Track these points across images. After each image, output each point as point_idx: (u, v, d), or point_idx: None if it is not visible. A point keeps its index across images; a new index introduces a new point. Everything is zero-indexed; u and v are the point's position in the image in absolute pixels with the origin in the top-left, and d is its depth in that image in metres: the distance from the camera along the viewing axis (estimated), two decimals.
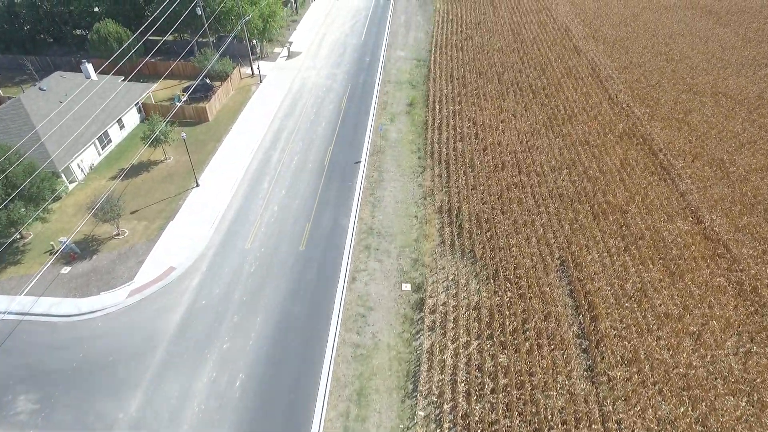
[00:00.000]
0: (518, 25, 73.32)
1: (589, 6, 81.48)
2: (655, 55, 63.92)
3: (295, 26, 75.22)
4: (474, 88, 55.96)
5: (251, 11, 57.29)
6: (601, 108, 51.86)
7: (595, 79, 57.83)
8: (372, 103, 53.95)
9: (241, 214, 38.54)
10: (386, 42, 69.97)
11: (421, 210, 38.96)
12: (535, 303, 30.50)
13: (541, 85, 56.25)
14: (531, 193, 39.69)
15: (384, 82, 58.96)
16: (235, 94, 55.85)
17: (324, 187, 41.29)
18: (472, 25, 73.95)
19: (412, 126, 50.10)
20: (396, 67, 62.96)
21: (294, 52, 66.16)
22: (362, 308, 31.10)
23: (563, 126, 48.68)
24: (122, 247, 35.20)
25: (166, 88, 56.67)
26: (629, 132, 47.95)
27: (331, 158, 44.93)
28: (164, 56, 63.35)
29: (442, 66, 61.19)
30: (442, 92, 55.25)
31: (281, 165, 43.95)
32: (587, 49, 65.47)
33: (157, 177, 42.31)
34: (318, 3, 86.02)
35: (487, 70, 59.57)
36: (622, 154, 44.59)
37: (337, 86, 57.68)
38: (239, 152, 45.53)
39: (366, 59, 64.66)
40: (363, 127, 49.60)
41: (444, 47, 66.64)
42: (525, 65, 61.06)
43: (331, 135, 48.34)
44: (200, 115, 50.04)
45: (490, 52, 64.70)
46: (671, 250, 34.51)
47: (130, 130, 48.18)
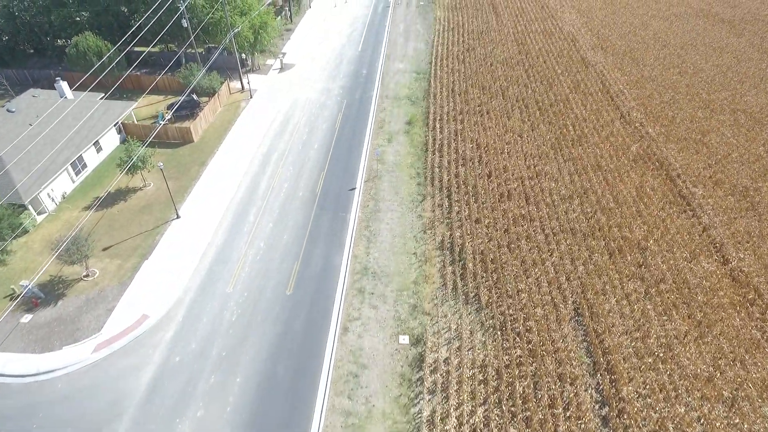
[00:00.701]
0: (522, 35, 70.02)
1: (596, 14, 78.18)
2: (667, 68, 60.63)
3: (290, 35, 71.95)
4: (477, 104, 52.68)
5: (240, 23, 54.01)
6: (613, 127, 48.59)
7: (605, 95, 54.54)
8: (369, 122, 50.66)
9: (224, 251, 35.26)
10: (384, 53, 66.69)
11: (421, 246, 35.69)
12: (547, 361, 27.24)
13: (548, 102, 52.97)
14: (540, 227, 36.42)
15: (381, 98, 55.67)
16: (223, 111, 52.55)
17: (315, 219, 38.02)
18: (475, 34, 70.66)
19: (411, 147, 46.82)
20: (394, 80, 59.67)
21: (287, 64, 62.87)
22: (354, 365, 27.84)
23: (573, 148, 45.40)
24: (91, 291, 31.92)
25: (151, 105, 53.38)
26: (644, 155, 44.67)
27: (323, 185, 41.66)
28: (150, 69, 60.11)
29: (443, 80, 57.91)
30: (443, 109, 51.96)
31: (270, 193, 40.68)
32: (595, 61, 62.18)
33: (134, 207, 39.03)
34: (314, 10, 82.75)
35: (491, 85, 56.28)
36: (638, 180, 41.32)
37: (331, 102, 54.39)
38: (225, 178, 42.26)
39: (363, 72, 61.38)
40: (358, 149, 46.33)
41: (445, 59, 63.35)
42: (531, 79, 57.78)
43: (324, 158, 45.07)
44: (184, 136, 46.75)
45: (493, 64, 61.42)
46: (696, 295, 31.25)
47: (108, 153, 44.89)
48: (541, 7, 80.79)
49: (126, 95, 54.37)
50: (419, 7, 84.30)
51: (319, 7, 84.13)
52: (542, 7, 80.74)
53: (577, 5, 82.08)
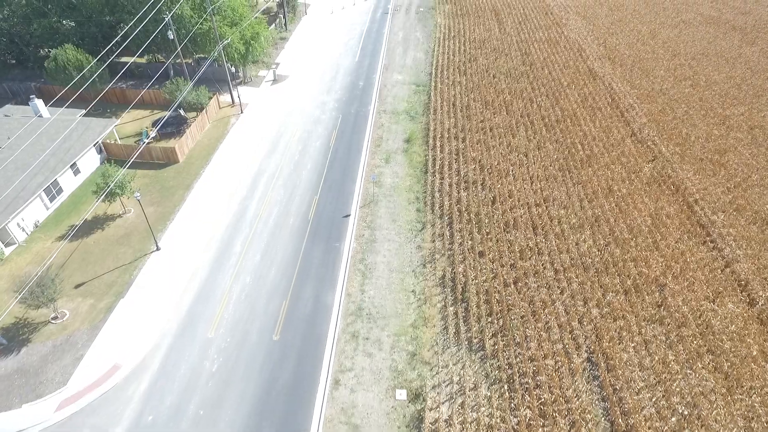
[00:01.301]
0: (526, 44, 67.24)
1: (602, 21, 75.37)
2: (679, 80, 57.85)
3: (284, 44, 69.17)
4: (479, 120, 49.91)
5: (230, 34, 51.22)
6: (624, 146, 45.83)
7: (615, 110, 51.77)
8: (365, 139, 47.90)
9: (206, 287, 32.51)
10: (382, 63, 63.91)
11: (420, 282, 32.94)
12: (560, 424, 24.49)
13: (555, 118, 50.19)
14: (549, 261, 33.66)
15: (379, 112, 52.90)
16: (212, 128, 49.76)
17: (306, 251, 35.27)
18: (477, 43, 67.86)
19: (410, 168, 44.06)
20: (392, 93, 56.90)
21: (281, 76, 60.10)
22: (346, 426, 25.09)
23: (582, 169, 42.65)
24: (59, 336, 29.17)
25: (135, 120, 50.62)
26: (658, 177, 41.91)
27: (316, 211, 38.91)
28: (137, 81, 57.37)
29: (444, 93, 55.14)
30: (444, 126, 49.20)
31: (258, 220, 37.92)
32: (603, 72, 59.41)
33: (112, 237, 36.27)
34: (311, 17, 79.97)
35: (494, 99, 53.50)
36: (653, 206, 38.55)
37: (326, 117, 51.62)
38: (210, 203, 39.50)
39: (360, 84, 58.61)
40: (354, 171, 43.56)
41: (446, 70, 60.57)
42: (536, 92, 55.00)
43: (317, 180, 42.30)
44: (169, 156, 43.98)
45: (496, 76, 58.65)
46: (722, 341, 28.50)
47: (87, 176, 42.12)
48: (545, 14, 77.99)
49: (110, 110, 51.64)
50: (419, 13, 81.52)
51: (316, 13, 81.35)
52: (546, 14, 77.94)
53: (582, 12, 79.30)
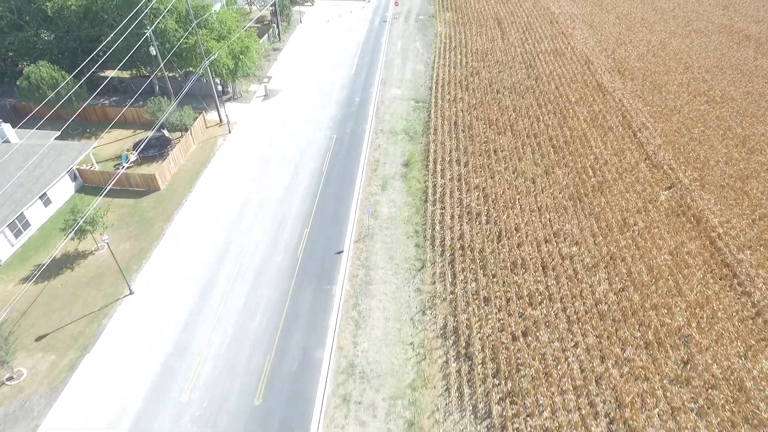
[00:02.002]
0: (531, 56, 64.07)
1: (610, 31, 72.19)
2: (694, 96, 54.69)
3: (277, 55, 65.99)
4: (483, 141, 46.77)
5: (217, 48, 48.03)
6: (639, 172, 42.68)
7: (627, 130, 48.62)
8: (361, 163, 44.74)
9: (183, 338, 29.36)
10: (380, 76, 60.76)
11: (419, 332, 29.80)
12: None
13: (563, 138, 47.04)
14: (562, 308, 30.51)
15: (376, 132, 49.74)
16: (197, 150, 46.59)
17: (295, 294, 32.13)
18: (479, 54, 64.70)
19: (409, 196, 40.91)
20: (390, 110, 53.73)
21: (272, 91, 56.95)
22: None
23: (594, 198, 39.51)
24: (12, 401, 26.02)
25: (116, 141, 47.48)
26: (676, 208, 38.77)
27: (306, 246, 35.76)
28: (120, 97, 54.24)
29: (445, 110, 51.98)
30: (445, 147, 46.06)
31: (243, 257, 34.76)
32: (613, 87, 56.25)
33: (82, 278, 33.12)
34: (306, 26, 76.79)
35: (498, 117, 50.33)
36: (672, 242, 35.41)
37: (320, 137, 48.46)
38: (192, 237, 36.36)
39: (356, 99, 55.45)
40: (348, 199, 40.42)
41: (446, 84, 57.43)
42: (542, 110, 51.84)
43: (308, 210, 39.16)
44: (149, 183, 40.84)
45: (500, 91, 55.49)
46: (759, 409, 25.37)
47: (59, 206, 38.97)
48: (549, 23, 74.82)
49: (89, 129, 48.56)
50: (419, 21, 78.35)
51: (311, 22, 78.18)
52: (551, 23, 74.77)
53: (588, 20, 76.13)
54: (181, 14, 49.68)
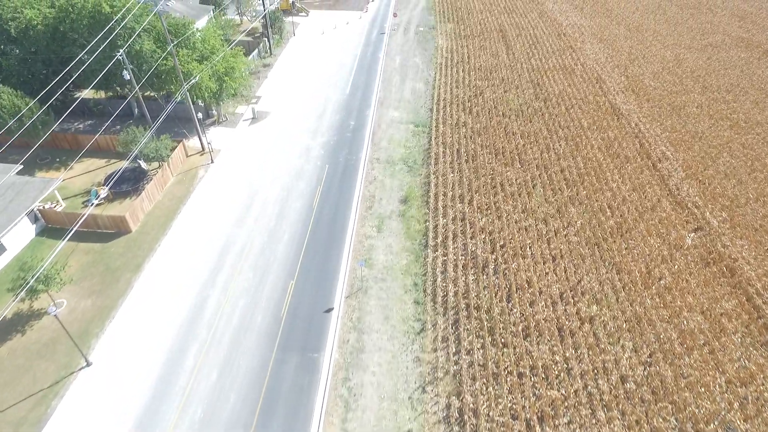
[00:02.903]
0: (539, 73, 60.02)
1: (621, 45, 68.12)
2: (715, 120, 50.64)
3: (267, 72, 61.91)
4: (488, 173, 42.71)
5: (198, 71, 43.95)
6: (661, 210, 38.63)
7: (646, 160, 44.54)
8: (354, 200, 40.67)
9: (143, 424, 25.26)
10: (377, 96, 56.69)
11: (419, 416, 25.72)
12: None
13: (576, 170, 42.98)
14: (583, 387, 26.45)
15: (371, 161, 45.66)
16: (175, 183, 42.49)
17: (276, 365, 28.07)
18: (483, 71, 60.64)
19: (407, 239, 36.83)
20: (388, 135, 49.65)
21: (261, 113, 52.88)
22: None
23: (614, 243, 35.44)
24: None
25: (89, 172, 43.43)
26: (706, 255, 34.70)
27: (291, 303, 31.68)
28: (96, 120, 50.19)
29: (446, 136, 47.92)
30: (447, 181, 42.01)
31: (219, 318, 30.68)
32: (628, 109, 52.19)
33: (33, 344, 29.03)
34: (299, 38, 72.72)
35: (505, 145, 46.26)
36: (704, 299, 31.34)
37: (310, 168, 44.39)
38: (163, 293, 32.29)
39: (350, 123, 51.38)
40: (340, 243, 36.36)
41: (448, 105, 53.39)
42: (553, 136, 47.77)
43: (294, 257, 35.09)
44: (119, 225, 36.78)
45: (506, 114, 51.43)
46: None
47: (16, 254, 34.90)
48: (557, 36, 70.76)
49: (59, 158, 44.52)
50: (418, 33, 74.30)
51: (305, 34, 74.11)
52: (559, 36, 70.71)
53: (598, 33, 72.07)
54: (160, 33, 45.68)
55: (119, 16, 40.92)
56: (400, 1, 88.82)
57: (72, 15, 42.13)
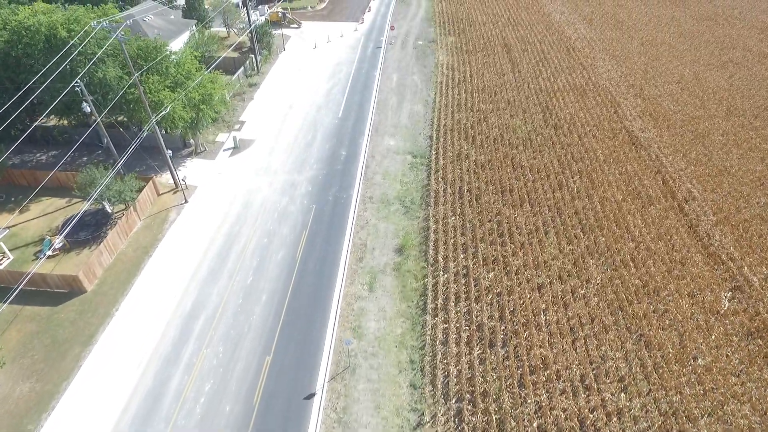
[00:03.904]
0: (548, 94, 55.31)
1: (635, 62, 63.35)
2: (745, 151, 45.89)
3: (254, 92, 57.17)
4: (494, 216, 38.04)
5: (170, 100, 39.24)
6: (692, 264, 33.91)
7: (671, 200, 39.83)
8: (343, 249, 35.96)
9: None
10: (371, 121, 51.98)
11: None
12: None
13: (593, 213, 38.27)
14: None
15: (364, 200, 40.96)
16: (143, 228, 37.78)
17: None
18: (487, 92, 55.93)
19: (403, 301, 32.13)
20: (383, 167, 44.95)
21: (244, 141, 48.16)
22: None
23: (640, 307, 30.76)
24: None
25: (46, 215, 38.75)
26: (747, 323, 29.97)
27: (266, 385, 27.01)
28: (62, 150, 45.48)
29: (447, 171, 43.21)
30: (448, 225, 37.33)
31: (180, 408, 25.99)
32: (647, 138, 47.48)
33: None
34: (289, 53, 68.01)
35: (513, 182, 41.57)
36: (753, 387, 26.61)
37: (295, 210, 39.69)
38: (115, 373, 27.59)
39: (342, 153, 46.68)
40: (325, 308, 31.65)
41: (449, 132, 48.71)
42: (565, 171, 43.06)
43: (273, 324, 30.41)
44: (71, 284, 32.09)
45: (514, 143, 46.72)
46: None
47: None
48: (566, 51, 66.03)
49: (15, 198, 39.88)
50: (417, 48, 69.56)
51: (296, 48, 69.39)
52: (568, 51, 65.98)
53: (609, 48, 67.31)
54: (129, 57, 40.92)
55: (75, 40, 36.16)
56: (398, 12, 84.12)
57: (25, 39, 37.41)
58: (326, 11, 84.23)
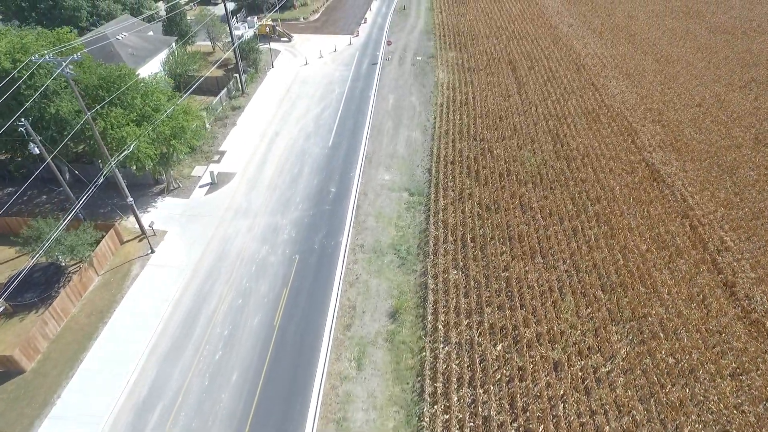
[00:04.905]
0: (558, 120, 50.63)
1: (651, 81, 58.63)
2: None
3: (237, 117, 52.44)
4: (501, 270, 33.36)
5: (134, 137, 34.54)
6: (733, 337, 29.21)
7: (702, 252, 35.13)
8: (329, 313, 31.25)
9: None
10: (365, 150, 47.29)
11: None
12: None
13: (615, 268, 33.58)
14: None
15: (354, 249, 36.27)
16: (100, 287, 33.03)
17: None
18: (491, 117, 51.25)
19: (396, 383, 27.46)
20: (376, 207, 40.28)
21: (223, 175, 43.48)
22: None
23: (675, 391, 26.09)
24: None
25: None
26: None
27: None
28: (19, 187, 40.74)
29: (448, 214, 38.52)
30: (449, 283, 32.63)
31: None
32: (670, 173, 42.83)
33: None
34: (278, 71, 63.31)
35: (521, 228, 36.88)
36: None
37: (276, 260, 35.01)
38: None
39: (331, 190, 42.01)
40: (306, 392, 26.92)
41: (450, 165, 44.05)
42: (581, 214, 38.37)
43: (242, 418, 25.70)
44: (5, 364, 27.36)
45: (522, 179, 42.06)
46: None
47: None
48: (576, 69, 61.35)
49: None
50: (416, 64, 64.88)
51: (286, 65, 64.69)
52: (578, 69, 61.30)
53: (622, 66, 62.61)
54: (88, 87, 36.34)
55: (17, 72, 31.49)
56: (396, 23, 79.46)
57: None
58: (319, 23, 79.56)
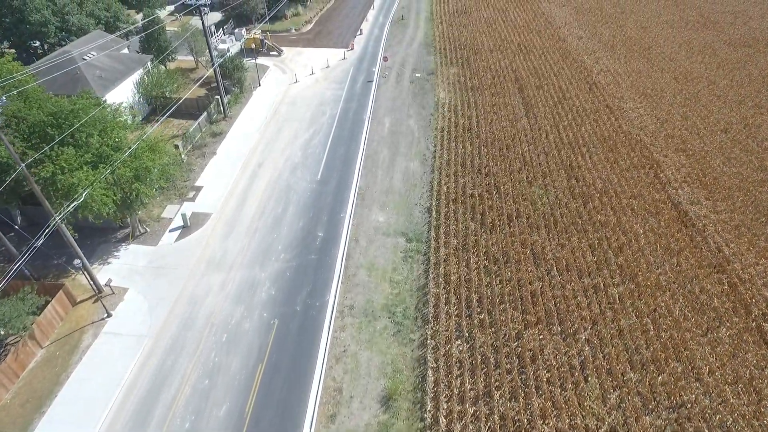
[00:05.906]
0: (571, 149, 45.86)
1: (672, 103, 53.79)
2: None
3: (217, 146, 47.64)
4: (513, 342, 28.60)
5: (89, 183, 29.78)
6: None
7: (743, 315, 30.35)
8: (310, 399, 26.47)
9: None
10: (357, 185, 42.53)
11: None
12: None
13: (645, 338, 28.83)
14: None
15: (342, 312, 31.48)
16: (43, 363, 28.22)
17: None
18: (497, 146, 46.47)
19: None
20: (369, 257, 35.50)
21: (198, 216, 38.74)
22: None
23: None
24: None
25: None
26: None
27: None
28: None
29: (450, 267, 33.72)
30: (452, 358, 27.89)
31: None
32: (698, 213, 38.07)
33: None
34: (265, 89, 58.60)
35: (535, 286, 32.10)
36: None
37: (251, 328, 30.24)
38: None
39: (318, 235, 37.25)
40: None
41: (451, 204, 39.30)
42: (601, 266, 33.58)
43: None
44: None
45: (534, 222, 37.29)
46: None
47: None
48: (588, 88, 56.58)
49: None
50: (414, 82, 60.12)
51: (274, 83, 59.95)
52: (590, 88, 56.52)
53: (639, 84, 57.80)
54: (35, 124, 31.63)
55: None
56: (393, 36, 74.65)
57: None
58: (312, 34, 74.80)
